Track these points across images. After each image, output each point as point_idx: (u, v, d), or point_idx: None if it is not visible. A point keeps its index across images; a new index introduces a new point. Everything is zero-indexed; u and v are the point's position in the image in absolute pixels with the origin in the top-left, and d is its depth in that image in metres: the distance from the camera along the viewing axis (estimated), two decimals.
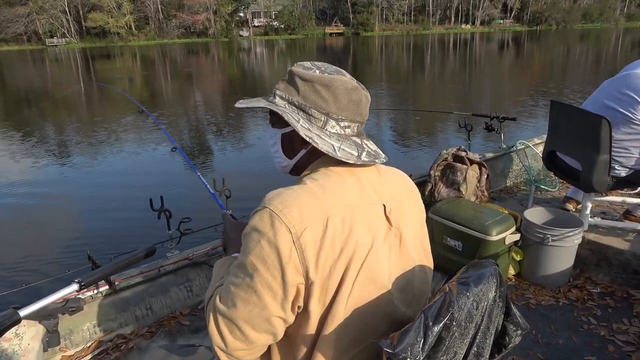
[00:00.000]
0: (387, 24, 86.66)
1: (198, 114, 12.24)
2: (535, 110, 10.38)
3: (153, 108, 12.56)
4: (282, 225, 0.84)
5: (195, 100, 14.57)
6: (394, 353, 0.73)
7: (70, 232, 4.83)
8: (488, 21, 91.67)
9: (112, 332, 2.27)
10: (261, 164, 6.83)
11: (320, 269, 0.84)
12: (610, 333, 2.22)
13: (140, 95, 15.95)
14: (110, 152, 7.97)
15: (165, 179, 6.49)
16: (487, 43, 47.98)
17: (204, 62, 34.05)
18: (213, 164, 7.35)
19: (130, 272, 2.40)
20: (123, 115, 11.14)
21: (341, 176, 0.94)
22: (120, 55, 44.21)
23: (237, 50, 47.76)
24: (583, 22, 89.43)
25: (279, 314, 0.86)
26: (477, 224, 2.52)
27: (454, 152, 3.37)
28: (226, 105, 12.95)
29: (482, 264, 0.90)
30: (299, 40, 66.92)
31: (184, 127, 10.33)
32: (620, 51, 30.98)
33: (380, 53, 38.04)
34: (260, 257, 0.85)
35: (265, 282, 0.85)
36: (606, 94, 2.57)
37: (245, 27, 79.05)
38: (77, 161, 7.54)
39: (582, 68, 21.16)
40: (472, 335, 0.84)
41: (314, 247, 0.84)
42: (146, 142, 8.68)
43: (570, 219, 2.63)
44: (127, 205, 5.32)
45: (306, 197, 0.88)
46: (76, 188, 6.23)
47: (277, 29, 78.13)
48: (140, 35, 71.40)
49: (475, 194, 3.26)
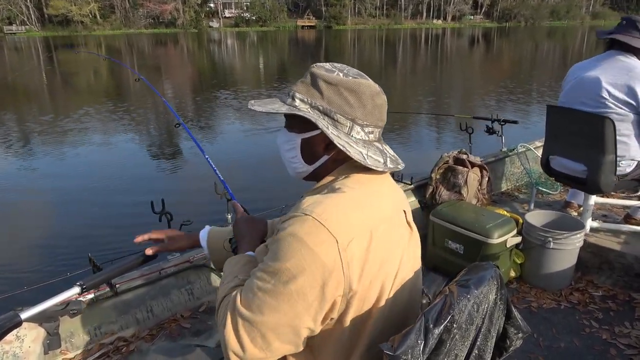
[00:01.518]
0: (359, 17, 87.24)
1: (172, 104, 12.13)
2: (504, 106, 10.52)
3: (122, 101, 12.54)
4: (328, 235, 0.80)
5: (166, 91, 14.40)
6: (394, 356, 0.73)
7: (70, 233, 4.83)
8: (459, 17, 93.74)
9: (113, 334, 2.26)
10: (252, 158, 6.86)
11: (362, 281, 0.83)
12: (612, 336, 2.21)
13: (107, 88, 15.85)
14: (108, 150, 7.98)
15: (167, 181, 6.51)
16: (458, 39, 48.22)
17: (172, 53, 33.38)
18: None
19: (131, 275, 2.40)
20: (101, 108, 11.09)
21: (374, 184, 0.94)
22: (85, 44, 42.95)
23: (207, 42, 46.73)
24: (551, 20, 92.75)
25: (309, 326, 0.83)
26: (479, 227, 2.51)
27: (455, 154, 3.36)
28: (198, 98, 12.94)
29: (482, 267, 0.90)
30: (270, 33, 65.92)
31: (155, 122, 10.31)
32: (586, 49, 31.91)
33: (353, 47, 37.93)
34: (299, 266, 0.80)
35: (302, 292, 0.80)
36: (585, 98, 2.57)
37: (215, 18, 77.49)
38: (73, 158, 7.55)
39: (550, 65, 21.46)
40: (473, 337, 0.84)
41: (360, 260, 0.82)
42: (147, 141, 8.71)
43: (571, 221, 2.63)
44: (128, 207, 5.33)
45: (350, 206, 0.85)
46: (74, 187, 6.23)
47: (249, 20, 77.01)
48: (106, 24, 69.08)
49: (477, 197, 3.26)
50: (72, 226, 5.04)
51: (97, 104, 12.35)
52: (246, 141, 8.46)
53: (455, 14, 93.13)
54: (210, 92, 14.04)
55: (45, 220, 5.25)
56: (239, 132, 9.16)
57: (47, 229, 5.03)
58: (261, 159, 6.94)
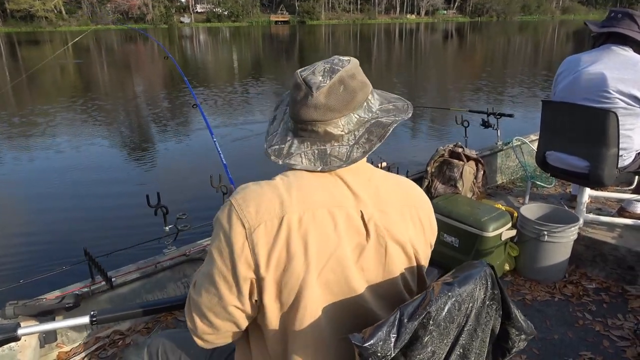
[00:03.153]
0: (333, 12, 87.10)
1: (140, 103, 12.07)
2: (481, 99, 10.62)
3: (90, 98, 12.45)
4: (237, 220, 0.86)
5: (136, 91, 14.27)
6: (363, 347, 0.72)
7: (66, 226, 4.82)
8: (432, 11, 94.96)
9: (109, 328, 2.27)
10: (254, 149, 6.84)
11: (272, 265, 0.85)
12: (605, 328, 2.23)
13: (74, 85, 15.69)
14: (106, 147, 7.94)
15: (160, 174, 6.49)
16: (432, 33, 48.06)
17: (142, 50, 32.64)
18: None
19: (127, 269, 2.40)
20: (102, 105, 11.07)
21: (316, 175, 0.93)
22: (50, 41, 41.83)
23: (178, 38, 45.88)
24: (522, 14, 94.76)
25: (236, 304, 0.89)
26: (474, 220, 2.52)
27: (450, 148, 3.38)
28: (173, 95, 12.86)
29: (473, 265, 0.88)
30: (243, 28, 64.69)
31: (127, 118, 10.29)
32: (557, 43, 32.37)
33: (328, 42, 37.68)
34: (217, 249, 0.88)
35: (221, 273, 0.88)
36: (586, 93, 2.56)
37: (186, 14, 75.85)
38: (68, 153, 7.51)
39: (529, 59, 21.54)
40: (455, 336, 0.82)
41: (266, 244, 0.85)
42: (148, 137, 8.68)
43: (566, 215, 2.65)
44: (124, 199, 5.32)
45: (268, 193, 0.89)
46: (69, 181, 6.21)
47: (220, 15, 75.78)
48: (72, 20, 66.80)
49: (472, 190, 3.27)
50: (67, 219, 5.02)
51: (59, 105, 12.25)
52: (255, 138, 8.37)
53: (429, 8, 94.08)
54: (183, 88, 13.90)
55: (40, 213, 5.23)
56: (242, 130, 9.07)
57: (41, 222, 5.01)
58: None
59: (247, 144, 7.77)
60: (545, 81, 13.42)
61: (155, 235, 2.61)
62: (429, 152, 3.48)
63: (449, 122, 8.56)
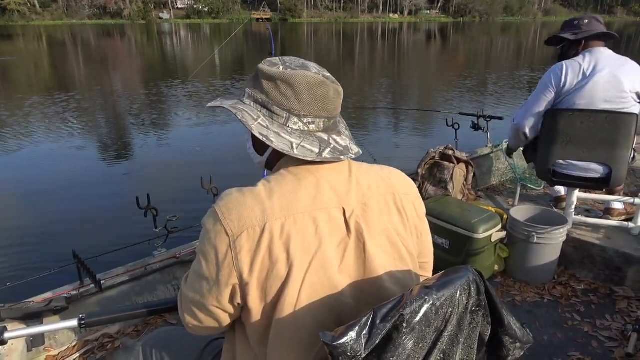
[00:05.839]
0: (315, 10, 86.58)
1: (121, 99, 11.92)
2: (464, 100, 10.63)
3: (66, 92, 12.32)
4: (221, 228, 0.88)
5: (114, 88, 14.00)
6: (332, 345, 0.71)
7: (54, 228, 4.75)
8: (415, 11, 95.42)
9: (98, 331, 2.24)
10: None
11: (256, 271, 0.87)
12: (594, 329, 2.26)
13: (48, 80, 15.41)
14: (103, 145, 7.87)
15: (151, 176, 6.44)
16: (415, 33, 47.85)
17: (119, 46, 31.95)
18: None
19: (117, 271, 2.38)
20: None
21: (298, 178, 0.93)
22: (23, 35, 40.90)
23: (156, 35, 44.91)
24: (504, 15, 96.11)
25: (216, 305, 0.92)
26: (464, 222, 2.54)
27: (441, 150, 3.39)
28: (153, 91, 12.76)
29: (456, 270, 0.86)
30: (224, 25, 63.30)
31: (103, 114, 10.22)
32: (539, 45, 32.58)
33: (310, 41, 37.37)
34: (202, 252, 0.91)
35: (204, 275, 0.91)
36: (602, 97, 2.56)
37: (166, 9, 74.44)
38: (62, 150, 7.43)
39: (510, 60, 21.79)
40: (433, 340, 0.81)
41: (249, 251, 0.87)
42: (145, 133, 8.61)
43: (555, 216, 2.67)
44: (113, 201, 5.27)
45: (250, 201, 0.89)
46: (58, 182, 6.14)
47: (200, 12, 74.54)
48: (46, 14, 65.13)
49: (462, 192, 3.29)
50: (55, 221, 4.96)
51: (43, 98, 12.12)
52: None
53: (412, 8, 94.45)
54: (163, 85, 13.77)
55: (28, 215, 5.16)
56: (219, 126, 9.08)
57: (28, 224, 4.93)
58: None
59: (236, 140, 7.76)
60: (529, 82, 13.53)
61: (145, 238, 2.58)
62: (420, 155, 3.50)
63: (439, 124, 8.61)
